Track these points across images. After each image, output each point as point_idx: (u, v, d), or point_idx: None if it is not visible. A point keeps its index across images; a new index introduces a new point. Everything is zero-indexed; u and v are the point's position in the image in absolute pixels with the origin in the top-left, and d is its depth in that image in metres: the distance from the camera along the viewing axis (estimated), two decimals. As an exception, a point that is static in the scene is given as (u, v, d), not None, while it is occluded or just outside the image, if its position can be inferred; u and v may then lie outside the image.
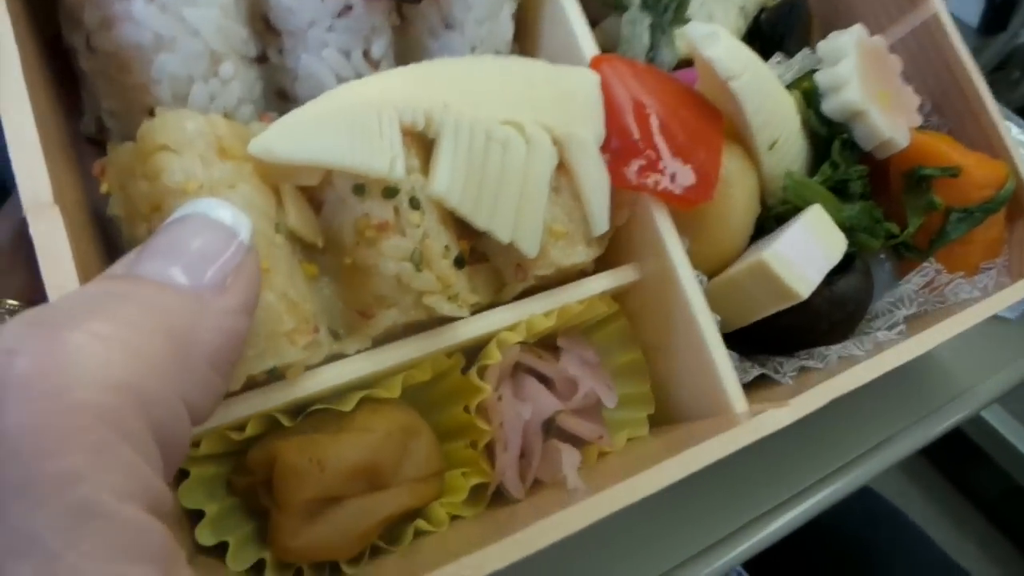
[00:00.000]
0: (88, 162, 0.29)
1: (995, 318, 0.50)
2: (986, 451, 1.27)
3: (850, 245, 0.34)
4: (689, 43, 0.31)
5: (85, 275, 0.22)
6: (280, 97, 0.30)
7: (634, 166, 0.29)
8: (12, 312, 0.27)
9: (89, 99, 0.27)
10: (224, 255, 0.20)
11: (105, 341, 0.16)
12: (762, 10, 0.40)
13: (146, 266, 0.19)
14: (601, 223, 0.29)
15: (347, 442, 0.25)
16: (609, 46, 0.35)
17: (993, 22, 1.33)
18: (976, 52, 1.47)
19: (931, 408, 0.47)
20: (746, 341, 0.34)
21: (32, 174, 0.20)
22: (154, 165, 0.23)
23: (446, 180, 0.26)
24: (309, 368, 0.25)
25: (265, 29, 0.28)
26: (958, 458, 1.34)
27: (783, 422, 0.28)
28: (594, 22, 0.35)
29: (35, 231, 0.19)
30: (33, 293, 0.27)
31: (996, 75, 1.54)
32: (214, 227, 0.20)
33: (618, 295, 0.33)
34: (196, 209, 0.21)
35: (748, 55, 0.32)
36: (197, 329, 0.18)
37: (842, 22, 0.43)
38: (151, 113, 0.26)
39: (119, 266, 0.19)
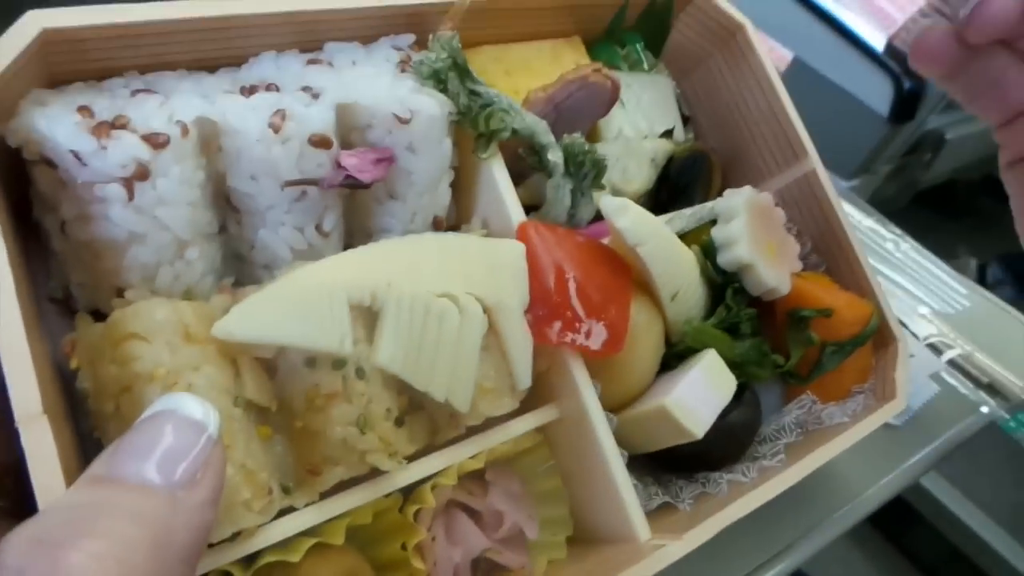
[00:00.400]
0: (51, 319, 0.31)
1: (885, 426, 0.58)
2: (928, 518, 1.36)
3: (741, 377, 0.40)
4: (604, 213, 0.36)
5: (60, 440, 0.24)
6: (237, 259, 0.33)
7: (555, 326, 0.34)
8: None
9: (58, 269, 0.29)
10: (194, 451, 0.22)
11: (99, 560, 0.19)
12: (670, 160, 0.45)
13: (124, 467, 0.21)
14: (524, 379, 0.33)
15: (296, 593, 0.28)
16: (533, 199, 0.40)
17: (902, 111, 1.41)
18: (887, 140, 1.58)
19: (830, 512, 0.53)
20: (652, 461, 0.39)
21: (24, 387, 0.22)
22: (124, 352, 0.26)
23: (388, 351, 0.29)
24: (260, 525, 0.28)
25: (226, 205, 0.31)
26: (902, 525, 1.43)
27: (679, 554, 0.33)
28: (523, 176, 0.40)
29: (26, 441, 0.22)
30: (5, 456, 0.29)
31: (908, 158, 1.67)
32: (185, 424, 0.23)
33: (540, 428, 0.37)
34: (168, 405, 0.23)
35: (652, 223, 0.37)
36: (173, 530, 0.21)
37: (739, 168, 0.49)
38: (119, 292, 0.29)
39: (99, 465, 0.22)
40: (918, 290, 0.73)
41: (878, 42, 1.49)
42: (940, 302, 0.72)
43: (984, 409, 0.63)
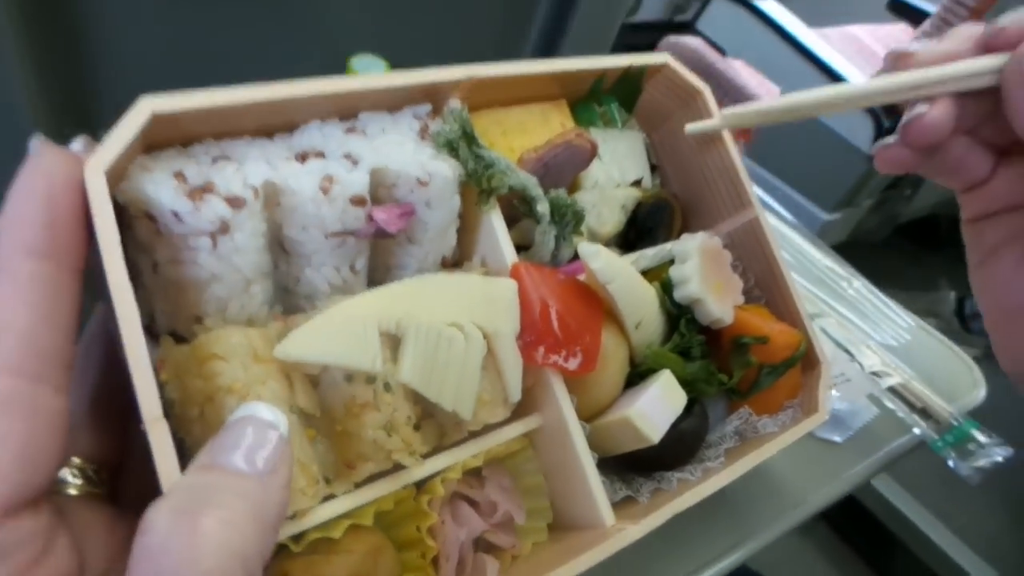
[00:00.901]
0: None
1: (826, 441, 0.67)
2: (897, 534, 1.47)
3: (692, 392, 0.48)
4: (581, 257, 0.44)
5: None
6: (284, 291, 0.40)
7: (540, 350, 0.41)
8: (79, 469, 0.35)
9: (144, 299, 0.36)
10: (272, 446, 0.29)
11: (223, 524, 0.25)
12: (638, 205, 0.54)
13: (224, 458, 0.28)
14: (515, 394, 0.41)
15: (337, 562, 0.35)
16: (523, 240, 0.47)
17: None
18: (868, 175, 1.66)
19: (774, 515, 0.62)
20: (619, 463, 0.47)
21: (148, 394, 0.29)
22: (208, 369, 0.33)
23: (408, 369, 0.37)
24: (310, 507, 0.35)
25: (279, 249, 0.38)
26: (850, 520, 1.54)
27: (638, 535, 0.41)
28: (515, 220, 0.48)
29: (152, 438, 0.29)
30: (97, 453, 0.35)
31: (889, 192, 1.76)
32: (263, 426, 0.29)
33: (525, 434, 0.44)
34: (248, 412, 0.30)
35: (620, 264, 0.45)
36: (266, 505, 0.28)
37: (698, 212, 0.58)
38: (197, 320, 0.36)
39: (203, 456, 0.28)
40: (865, 324, 0.82)
41: (859, 80, 1.59)
42: (884, 335, 0.82)
43: (916, 431, 0.72)
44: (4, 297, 0.27)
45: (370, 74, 0.40)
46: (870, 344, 0.77)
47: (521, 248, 0.46)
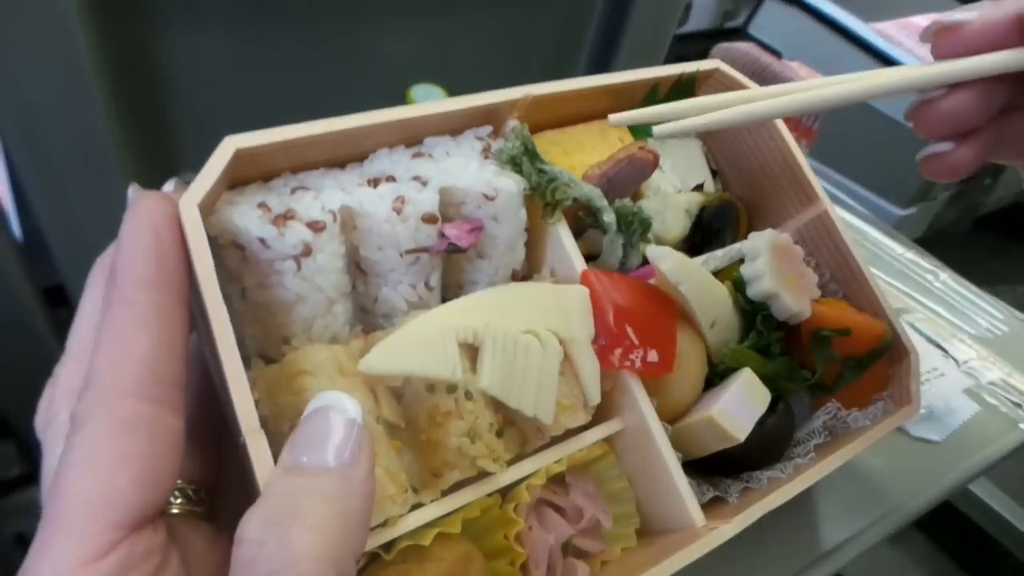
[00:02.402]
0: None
1: (923, 441, 0.64)
2: (1000, 542, 1.38)
3: (774, 390, 0.47)
4: (649, 260, 0.44)
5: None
6: (363, 311, 0.42)
7: (616, 353, 0.42)
8: (179, 489, 0.37)
9: (234, 326, 0.38)
10: (352, 438, 0.29)
11: (311, 531, 0.26)
12: (702, 209, 0.54)
13: (305, 457, 0.28)
14: (595, 397, 0.41)
15: (429, 570, 0.36)
16: (590, 249, 0.48)
17: None
18: None
19: (869, 521, 0.59)
20: (703, 465, 0.47)
21: (246, 407, 0.31)
22: (298, 384, 0.35)
23: (488, 377, 0.38)
24: (400, 516, 0.36)
25: (356, 270, 0.40)
26: (949, 529, 1.45)
27: (731, 534, 0.40)
28: (580, 232, 0.48)
29: (251, 450, 0.31)
30: (195, 474, 0.37)
31: (967, 183, 1.69)
32: (341, 416, 0.29)
33: (607, 439, 0.45)
34: (324, 403, 0.30)
35: (690, 264, 0.45)
36: (350, 500, 0.28)
37: (761, 213, 0.57)
38: (285, 341, 0.38)
39: (287, 457, 0.29)
40: (956, 317, 0.79)
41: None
42: (978, 328, 0.78)
43: (1022, 426, 0.68)
44: (126, 326, 0.29)
45: (431, 101, 0.42)
46: (963, 338, 0.73)
47: (589, 258, 0.47)
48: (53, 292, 0.77)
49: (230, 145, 0.35)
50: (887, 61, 1.50)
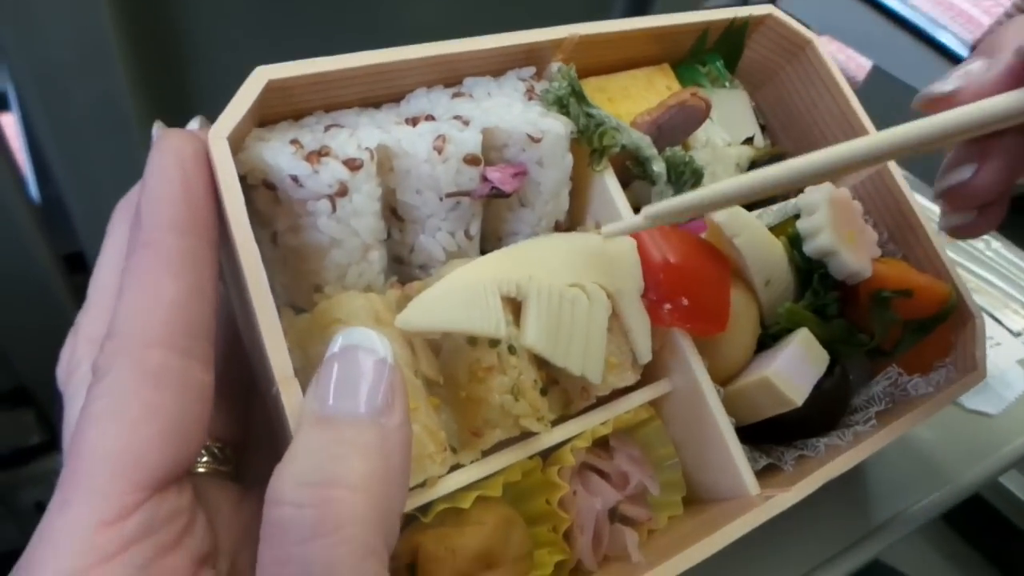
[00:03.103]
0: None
1: (977, 413, 0.61)
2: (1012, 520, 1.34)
3: (831, 354, 0.44)
4: (702, 211, 0.41)
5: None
6: (397, 262, 0.39)
7: (666, 309, 0.39)
8: (205, 447, 0.34)
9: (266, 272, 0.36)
10: (384, 380, 0.26)
11: (353, 491, 0.24)
12: (752, 163, 0.51)
13: (337, 406, 0.25)
14: (645, 354, 0.39)
15: (469, 534, 0.34)
16: (637, 202, 0.45)
17: None
18: None
19: (926, 493, 0.56)
20: (754, 432, 0.44)
21: (279, 353, 0.29)
22: (332, 334, 0.32)
23: (533, 333, 0.35)
24: (439, 477, 0.34)
25: (392, 216, 0.38)
26: (982, 526, 1.41)
27: (790, 502, 0.37)
28: (625, 184, 0.46)
29: (285, 398, 0.28)
30: (221, 432, 0.34)
31: None
32: (372, 359, 0.26)
33: (653, 401, 0.42)
34: (352, 341, 0.27)
35: (746, 217, 0.42)
36: (389, 454, 0.25)
37: (814, 168, 0.54)
38: (317, 288, 0.36)
39: (314, 401, 0.26)
40: (1009, 287, 0.75)
41: (961, 46, 1.47)
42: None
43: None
44: (153, 271, 0.27)
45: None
46: (1016, 308, 0.70)
47: (635, 211, 0.44)
48: (72, 259, 0.75)
49: (262, 75, 0.32)
50: (921, 35, 1.45)
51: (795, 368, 0.40)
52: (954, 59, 1.41)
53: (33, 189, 0.84)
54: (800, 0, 1.67)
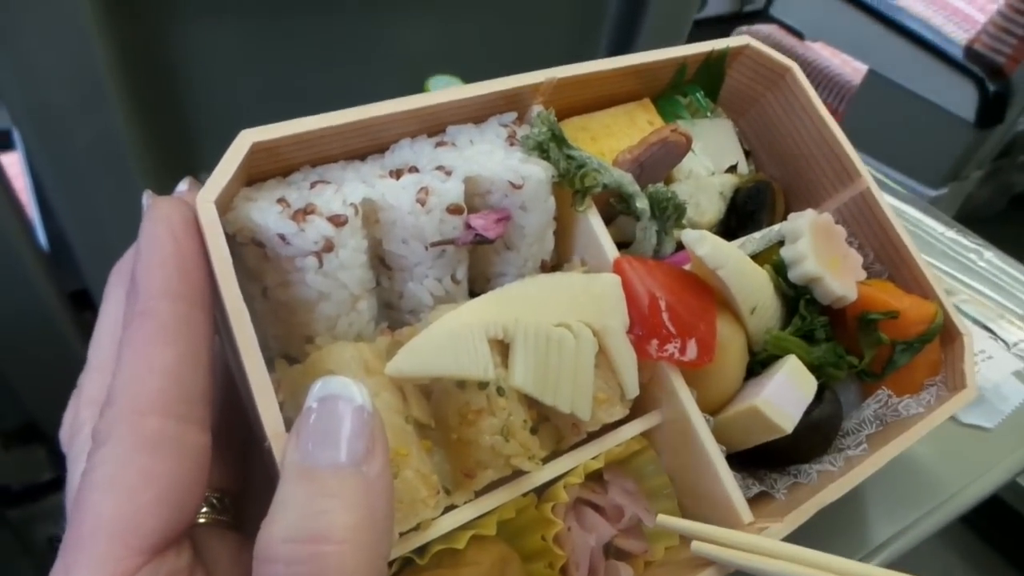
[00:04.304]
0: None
1: (974, 428, 0.61)
2: None
3: (820, 377, 0.45)
4: (685, 244, 0.42)
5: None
6: (388, 308, 0.40)
7: (653, 344, 0.40)
8: (207, 500, 0.34)
9: (256, 326, 0.37)
10: (363, 428, 0.26)
11: (340, 544, 0.24)
12: (737, 191, 0.51)
13: (318, 456, 0.26)
14: (632, 389, 0.39)
15: (464, 574, 0.35)
16: (621, 237, 0.46)
17: (989, 115, 1.39)
18: (975, 145, 1.54)
19: (925, 510, 0.56)
20: (746, 458, 0.44)
21: (270, 410, 0.30)
22: (323, 385, 0.33)
23: (521, 374, 0.36)
24: (433, 519, 0.35)
25: (380, 265, 0.39)
26: (998, 525, 1.39)
27: (783, 534, 0.38)
28: (610, 220, 0.47)
29: (277, 454, 0.29)
30: (220, 482, 0.35)
31: (1001, 162, 1.63)
32: (350, 407, 0.27)
33: (645, 433, 0.43)
34: (330, 391, 0.27)
35: (728, 248, 0.43)
36: (372, 502, 0.26)
37: (799, 193, 0.55)
38: (309, 340, 0.37)
39: (296, 453, 0.26)
40: (1003, 298, 0.75)
41: (955, 48, 1.46)
42: (1027, 307, 0.74)
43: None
44: (148, 340, 0.28)
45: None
46: (1011, 319, 0.70)
47: (620, 246, 0.45)
48: (78, 296, 0.77)
49: (246, 139, 0.34)
50: (915, 38, 1.46)
51: (784, 396, 0.41)
52: (948, 60, 1.41)
53: (39, 227, 0.85)
54: (793, 7, 1.69)
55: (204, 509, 0.35)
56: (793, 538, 0.39)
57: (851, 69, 1.66)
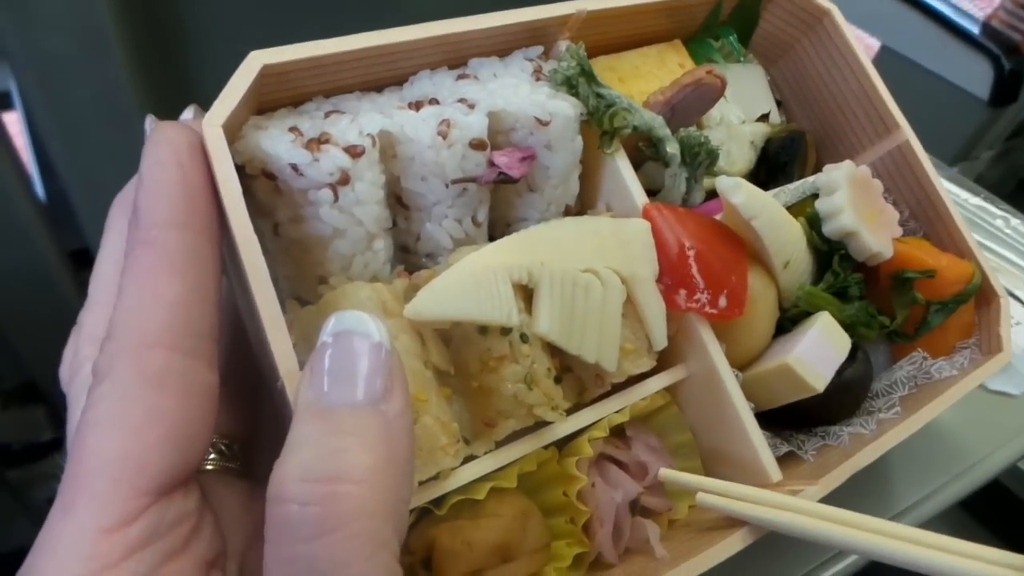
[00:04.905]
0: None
1: (1000, 395, 0.59)
2: None
3: (852, 337, 0.43)
4: (719, 192, 0.40)
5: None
6: (403, 251, 0.38)
7: (682, 294, 0.38)
8: (213, 444, 0.33)
9: (268, 266, 0.35)
10: (382, 365, 0.25)
11: (358, 484, 0.22)
12: (768, 141, 0.49)
13: (334, 395, 0.24)
14: (661, 340, 0.37)
15: (485, 526, 0.33)
16: (649, 184, 0.44)
17: (1004, 94, 1.35)
18: (988, 124, 1.50)
19: (949, 476, 0.55)
20: (773, 418, 0.43)
21: (283, 348, 0.28)
22: (338, 326, 0.31)
23: (546, 321, 0.34)
24: (452, 469, 0.33)
25: (397, 204, 0.37)
26: (1004, 515, 1.38)
27: (818, 496, 0.36)
28: (638, 166, 0.44)
29: (290, 393, 0.27)
30: (229, 428, 0.34)
31: (1013, 141, 1.59)
32: (367, 344, 0.25)
33: (669, 388, 0.41)
34: (345, 326, 0.25)
35: (764, 198, 0.41)
36: (392, 442, 0.24)
37: (832, 145, 0.53)
38: (322, 280, 0.35)
39: (309, 391, 0.24)
40: (1032, 265, 0.73)
41: (972, 24, 1.43)
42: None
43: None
44: (152, 270, 0.26)
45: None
46: (1040, 286, 0.68)
47: (648, 194, 0.43)
48: (78, 255, 0.75)
49: (256, 60, 0.31)
50: (930, 12, 1.41)
51: (816, 354, 0.39)
52: (964, 36, 1.38)
53: (39, 187, 0.83)
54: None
55: (212, 456, 0.33)
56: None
57: (863, 45, 1.63)
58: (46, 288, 0.73)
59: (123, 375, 0.24)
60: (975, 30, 1.39)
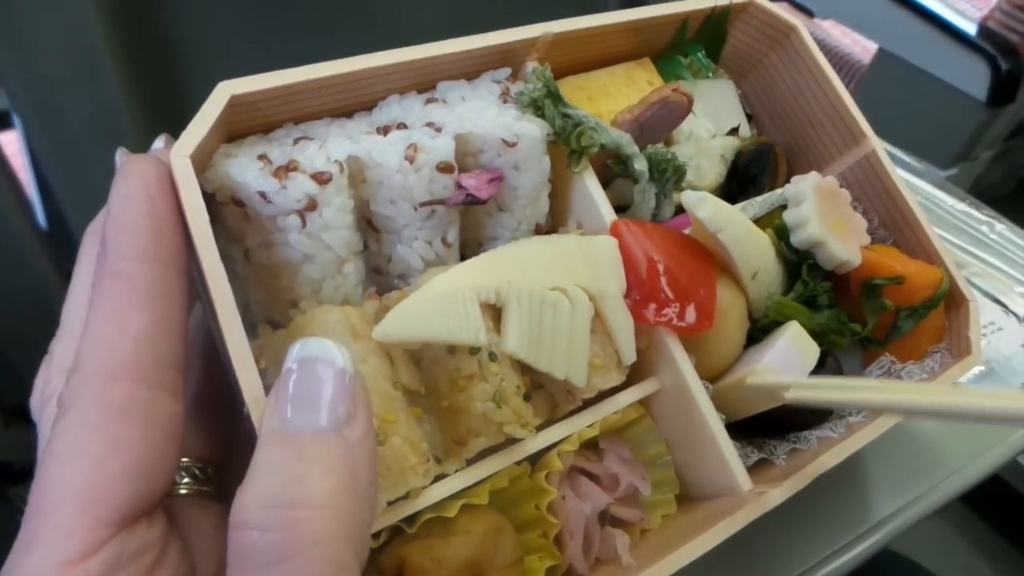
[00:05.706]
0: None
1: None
2: None
3: (823, 345, 0.44)
4: (685, 206, 0.41)
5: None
6: (376, 273, 0.39)
7: (651, 308, 0.39)
8: (186, 468, 0.34)
9: (238, 290, 0.35)
10: (345, 392, 0.25)
11: (320, 510, 0.23)
12: (738, 154, 0.50)
13: (298, 421, 0.25)
14: (629, 355, 0.38)
15: (456, 544, 0.34)
16: (620, 200, 0.45)
17: (1001, 94, 1.37)
18: (986, 125, 1.51)
19: (930, 485, 0.55)
20: (745, 426, 0.43)
21: (248, 375, 0.29)
22: (309, 349, 0.32)
23: (514, 339, 0.35)
24: (423, 488, 0.34)
25: (367, 227, 0.37)
26: (1003, 506, 1.38)
27: (782, 497, 0.37)
28: (607, 183, 0.45)
29: (256, 419, 0.28)
30: (203, 451, 0.34)
31: (1012, 142, 1.60)
32: (330, 370, 0.26)
33: (643, 401, 0.41)
34: (309, 353, 0.26)
35: (730, 211, 0.41)
36: (355, 464, 0.25)
37: (802, 156, 0.53)
38: (293, 304, 0.35)
39: (274, 417, 0.25)
40: (1014, 270, 0.74)
41: (969, 25, 1.44)
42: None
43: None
44: (118, 302, 0.26)
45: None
46: (1022, 291, 0.69)
47: (618, 210, 0.44)
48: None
49: (224, 91, 0.32)
50: (926, 15, 1.43)
51: (785, 363, 0.40)
52: (961, 38, 1.39)
53: (38, 206, 0.84)
54: (802, -16, 1.65)
55: (186, 479, 0.34)
56: (795, 509, 0.38)
57: (861, 49, 1.64)
58: (46, 309, 0.74)
59: (87, 407, 0.25)
60: (972, 32, 1.40)
